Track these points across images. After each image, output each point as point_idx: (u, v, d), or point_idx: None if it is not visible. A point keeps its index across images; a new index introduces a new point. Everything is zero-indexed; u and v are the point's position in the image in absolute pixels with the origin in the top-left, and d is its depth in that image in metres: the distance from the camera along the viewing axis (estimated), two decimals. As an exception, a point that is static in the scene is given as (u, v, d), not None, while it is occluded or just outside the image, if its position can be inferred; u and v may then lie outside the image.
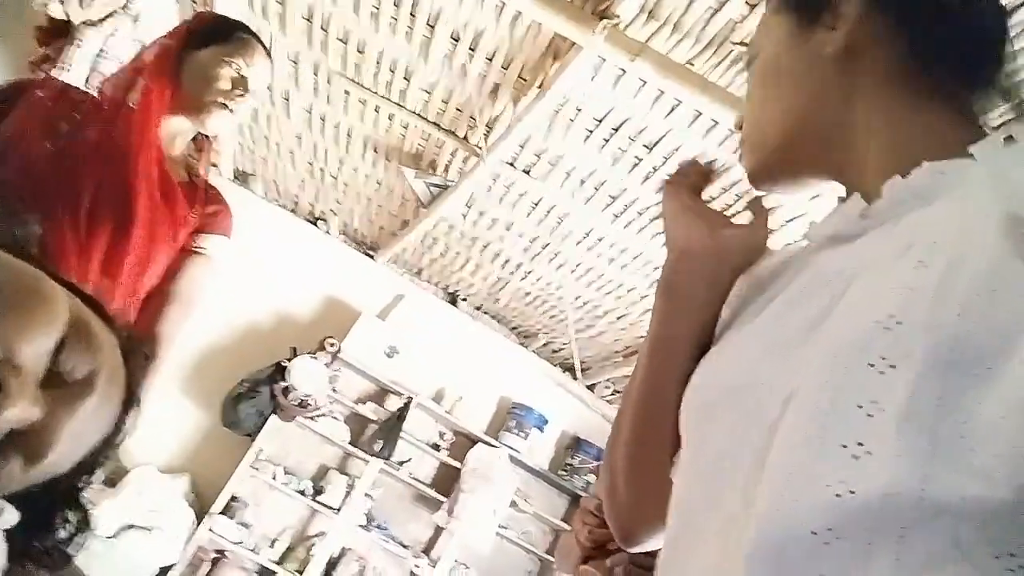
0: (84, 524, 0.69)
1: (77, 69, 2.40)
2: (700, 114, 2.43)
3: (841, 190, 0.66)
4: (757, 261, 0.69)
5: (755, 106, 0.70)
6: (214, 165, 1.49)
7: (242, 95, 1.38)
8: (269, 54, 1.47)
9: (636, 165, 2.85)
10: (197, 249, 1.40)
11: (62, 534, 0.66)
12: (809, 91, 0.64)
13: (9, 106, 1.27)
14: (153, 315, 1.34)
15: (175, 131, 1.38)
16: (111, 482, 3.71)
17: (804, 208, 2.56)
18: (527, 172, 3.20)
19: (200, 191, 1.42)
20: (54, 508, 0.63)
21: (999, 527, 0.37)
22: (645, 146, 2.73)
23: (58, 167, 1.22)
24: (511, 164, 3.17)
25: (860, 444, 0.42)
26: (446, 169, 3.47)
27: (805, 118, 0.64)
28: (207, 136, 1.47)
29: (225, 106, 1.36)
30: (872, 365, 0.44)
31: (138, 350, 0.72)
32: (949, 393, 0.40)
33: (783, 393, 0.49)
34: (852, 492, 0.41)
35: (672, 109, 2.50)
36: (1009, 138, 0.49)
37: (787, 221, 2.65)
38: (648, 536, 0.71)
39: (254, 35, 1.47)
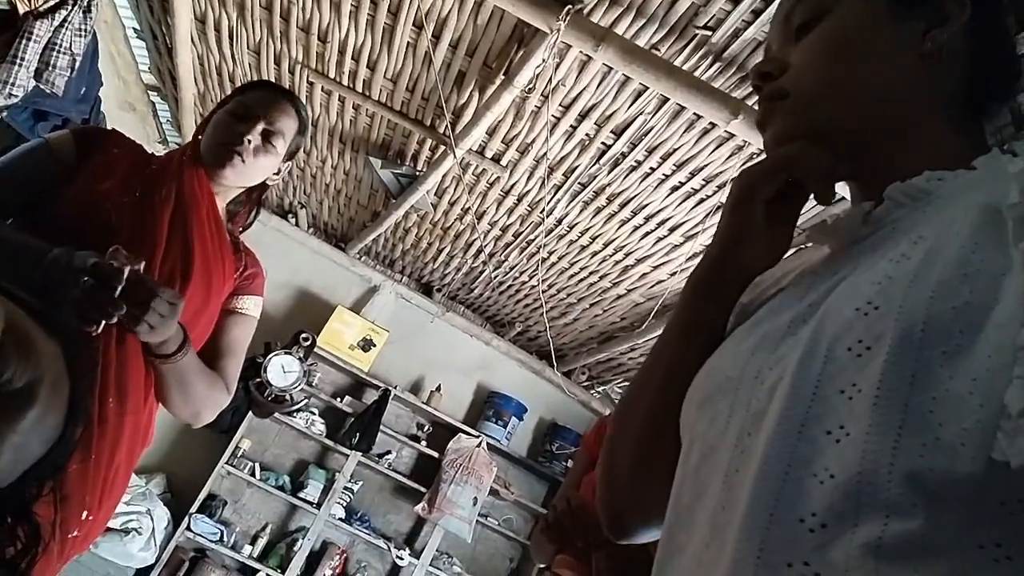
0: (35, 538, 0.67)
1: (28, 62, 2.33)
2: (667, 99, 2.42)
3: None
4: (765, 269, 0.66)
5: (819, 67, 0.63)
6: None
7: (247, 137, 1.39)
8: (293, 104, 1.47)
9: (604, 151, 2.84)
10: (239, 310, 1.48)
11: (11, 550, 0.64)
12: (893, 79, 0.60)
13: (85, 153, 1.34)
14: (211, 368, 1.39)
15: (217, 190, 1.43)
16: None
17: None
18: (496, 160, 3.18)
19: (240, 253, 1.49)
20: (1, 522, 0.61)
21: (978, 511, 0.38)
22: (613, 132, 2.73)
23: (134, 221, 1.29)
24: (479, 152, 3.15)
25: (841, 427, 0.43)
26: (414, 159, 3.44)
27: (882, 104, 0.61)
28: (252, 199, 1.54)
29: (232, 152, 1.38)
30: (850, 349, 0.46)
31: (84, 356, 0.70)
32: (921, 371, 0.42)
33: (770, 382, 0.50)
34: (832, 476, 0.42)
35: (639, 95, 2.50)
36: (1011, 152, 0.51)
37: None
38: (639, 532, 0.70)
39: (271, 86, 1.51)
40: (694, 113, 2.41)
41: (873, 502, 0.40)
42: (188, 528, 3.85)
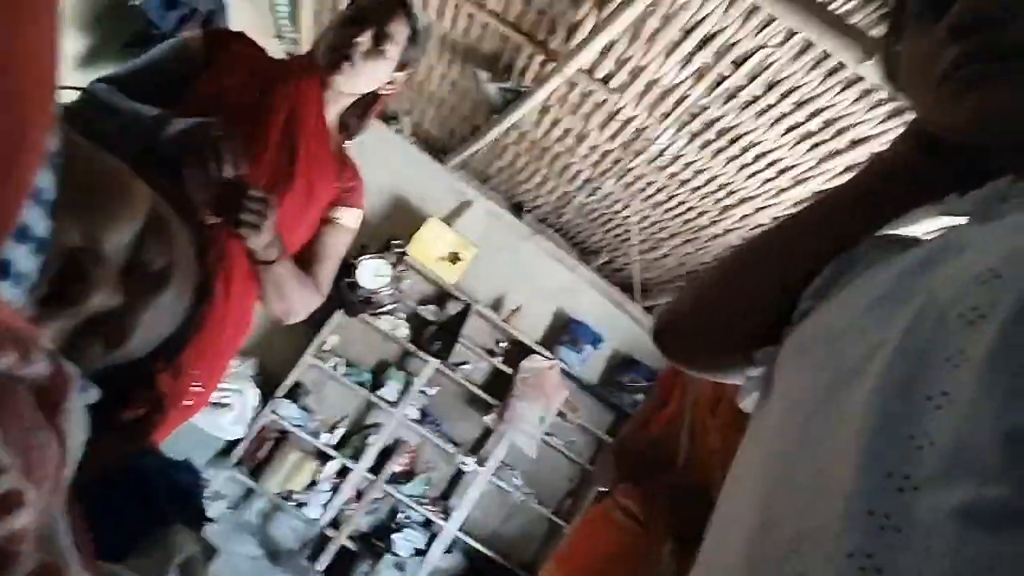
0: (159, 405, 0.73)
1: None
2: (795, 33, 2.26)
3: None
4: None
5: None
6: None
7: (357, 40, 1.39)
8: (407, 11, 1.46)
9: (720, 83, 2.70)
10: (338, 220, 1.52)
11: (137, 412, 0.70)
12: None
13: (215, 53, 1.40)
14: (306, 272, 1.45)
15: (328, 98, 1.46)
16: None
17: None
18: (605, 81, 3.08)
19: (345, 166, 1.52)
20: (131, 389, 0.67)
21: None
22: (733, 63, 2.58)
23: (247, 121, 1.33)
24: (589, 73, 3.05)
25: (944, 394, 0.42)
26: (522, 74, 3.37)
27: None
28: (365, 111, 1.53)
29: (343, 56, 1.38)
30: (962, 316, 0.44)
31: (213, 247, 0.74)
32: None
33: (873, 340, 0.49)
34: (932, 443, 0.41)
35: (765, 25, 2.34)
36: None
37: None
38: (694, 352, 0.76)
39: None
40: (823, 51, 2.25)
41: (969, 469, 0.39)
42: (273, 411, 4.12)
